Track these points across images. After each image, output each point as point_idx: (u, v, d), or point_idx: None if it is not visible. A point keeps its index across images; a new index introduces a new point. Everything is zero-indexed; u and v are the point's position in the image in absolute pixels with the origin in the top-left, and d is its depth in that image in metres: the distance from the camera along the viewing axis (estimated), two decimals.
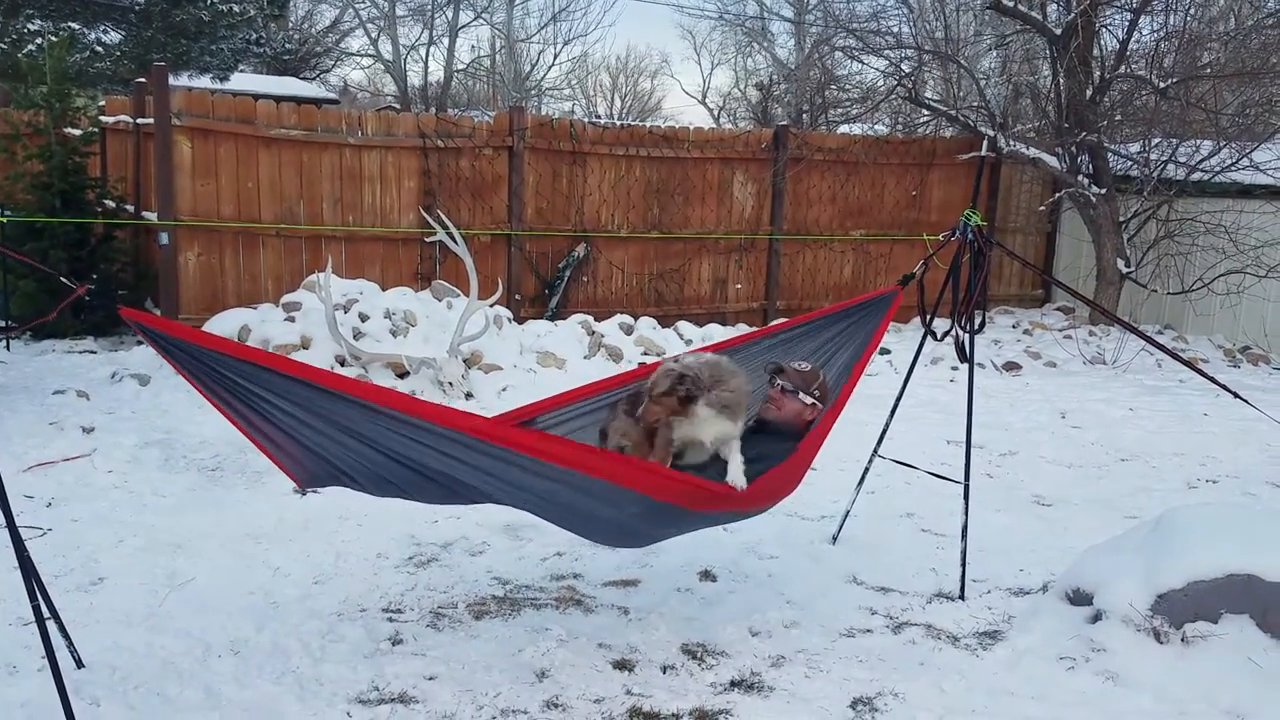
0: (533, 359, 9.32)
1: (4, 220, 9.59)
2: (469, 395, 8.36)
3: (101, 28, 17.27)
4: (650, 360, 9.29)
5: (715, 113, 34.19)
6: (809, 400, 4.40)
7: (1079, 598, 4.44)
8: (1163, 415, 9.02)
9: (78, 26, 16.25)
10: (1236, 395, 5.23)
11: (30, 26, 15.72)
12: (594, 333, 10.03)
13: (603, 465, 3.69)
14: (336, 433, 3.66)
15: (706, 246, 12.15)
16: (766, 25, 30.55)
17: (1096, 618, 4.28)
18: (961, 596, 4.89)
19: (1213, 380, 5.32)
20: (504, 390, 8.53)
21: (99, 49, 16.56)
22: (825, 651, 4.32)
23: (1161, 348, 5.42)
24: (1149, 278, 12.46)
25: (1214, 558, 4.16)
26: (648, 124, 16.91)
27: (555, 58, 35.06)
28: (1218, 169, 11.82)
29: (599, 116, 35.39)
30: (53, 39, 12.68)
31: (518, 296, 11.07)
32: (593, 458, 3.74)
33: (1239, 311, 12.14)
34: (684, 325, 10.90)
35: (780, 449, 4.20)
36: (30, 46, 14.75)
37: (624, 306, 11.44)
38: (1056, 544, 5.64)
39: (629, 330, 10.29)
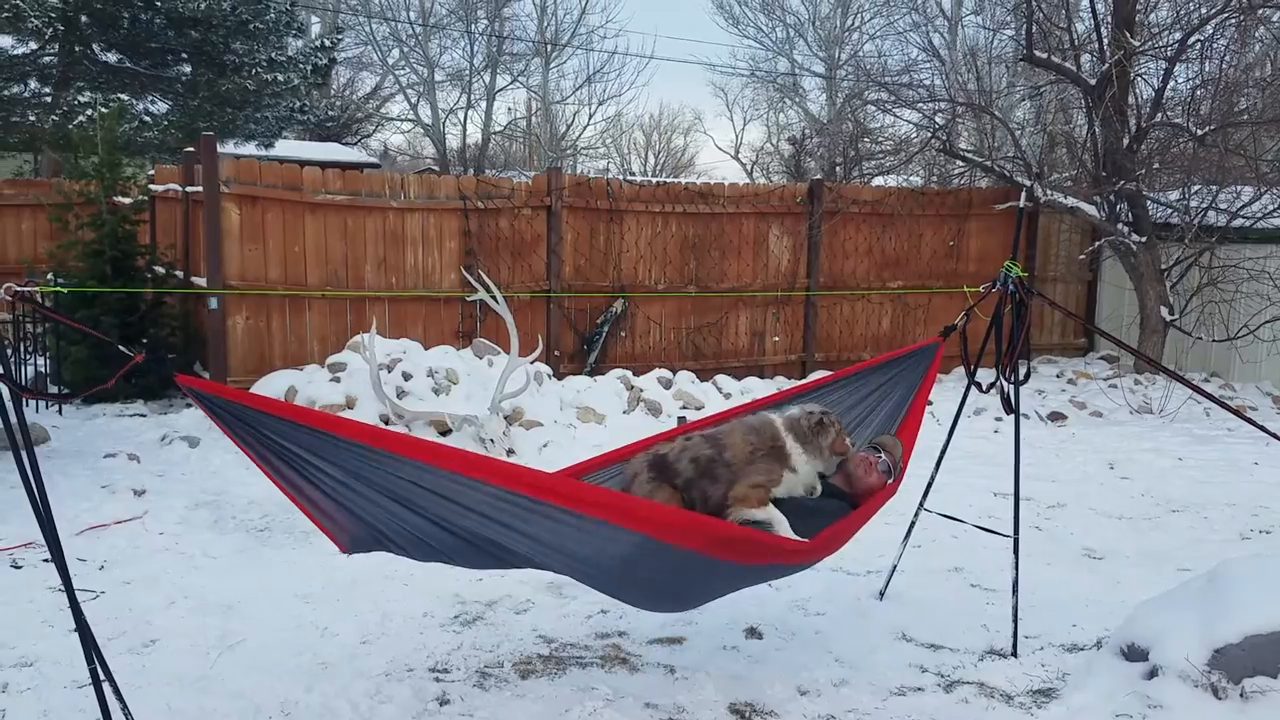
0: (573, 414, 9.36)
1: (62, 289, 9.81)
2: (510, 451, 8.40)
3: (150, 98, 17.82)
4: (690, 416, 9.30)
5: (748, 168, 34.43)
6: (889, 480, 4.53)
7: (1134, 653, 4.36)
8: (1212, 465, 8.88)
9: (127, 97, 16.74)
10: None
11: (80, 98, 16.22)
12: (633, 387, 10.06)
13: (651, 517, 3.69)
14: (379, 496, 3.70)
15: (743, 300, 12.20)
16: (798, 81, 30.93)
17: (1152, 674, 4.20)
18: (1014, 653, 4.82)
19: (1262, 429, 5.24)
20: (545, 446, 8.57)
21: (147, 119, 17.04)
22: (876, 711, 4.26)
23: (1209, 396, 5.35)
24: (1193, 325, 12.33)
25: (1271, 611, 4.08)
26: (682, 180, 17.07)
27: (590, 117, 35.57)
28: (1259, 215, 11.75)
29: (634, 174, 35.74)
30: (103, 110, 13.04)
31: (557, 353, 11.15)
32: (640, 510, 3.73)
33: None
34: (722, 379, 10.90)
35: (834, 506, 4.21)
36: (81, 118, 15.21)
37: (662, 361, 11.48)
38: (1109, 598, 5.55)
39: (668, 384, 10.31)
